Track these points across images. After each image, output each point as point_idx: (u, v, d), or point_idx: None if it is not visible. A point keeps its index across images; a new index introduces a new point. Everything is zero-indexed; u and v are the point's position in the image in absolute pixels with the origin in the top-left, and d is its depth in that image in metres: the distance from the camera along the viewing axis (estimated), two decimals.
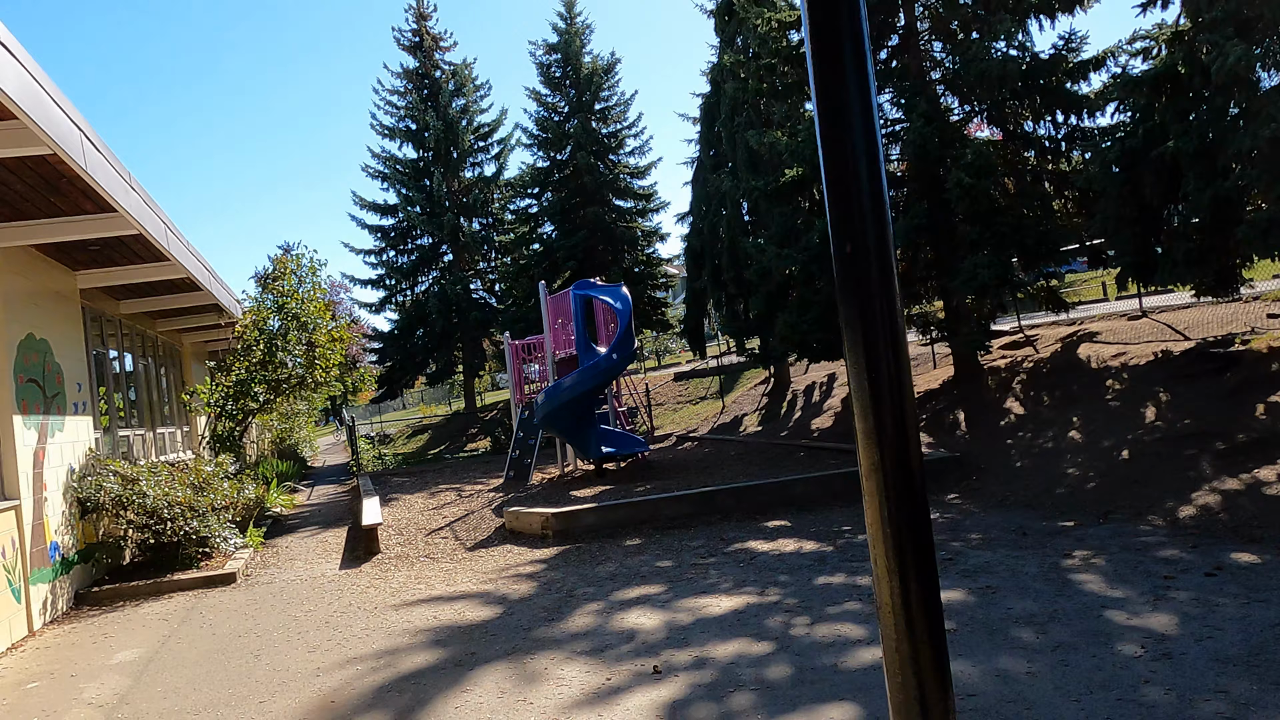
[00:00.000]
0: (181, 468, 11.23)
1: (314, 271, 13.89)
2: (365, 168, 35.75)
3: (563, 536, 10.62)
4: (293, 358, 13.41)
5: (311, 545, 12.04)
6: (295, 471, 21.34)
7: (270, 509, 15.58)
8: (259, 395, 13.03)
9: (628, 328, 14.71)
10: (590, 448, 14.84)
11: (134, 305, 13.31)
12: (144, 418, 14.25)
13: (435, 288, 34.86)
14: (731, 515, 11.05)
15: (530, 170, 31.91)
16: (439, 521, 12.57)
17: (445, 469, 20.58)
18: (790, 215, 16.59)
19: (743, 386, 27.35)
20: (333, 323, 14.27)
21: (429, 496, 15.34)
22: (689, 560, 8.81)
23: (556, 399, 14.39)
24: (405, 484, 18.01)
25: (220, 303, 13.66)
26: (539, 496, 13.61)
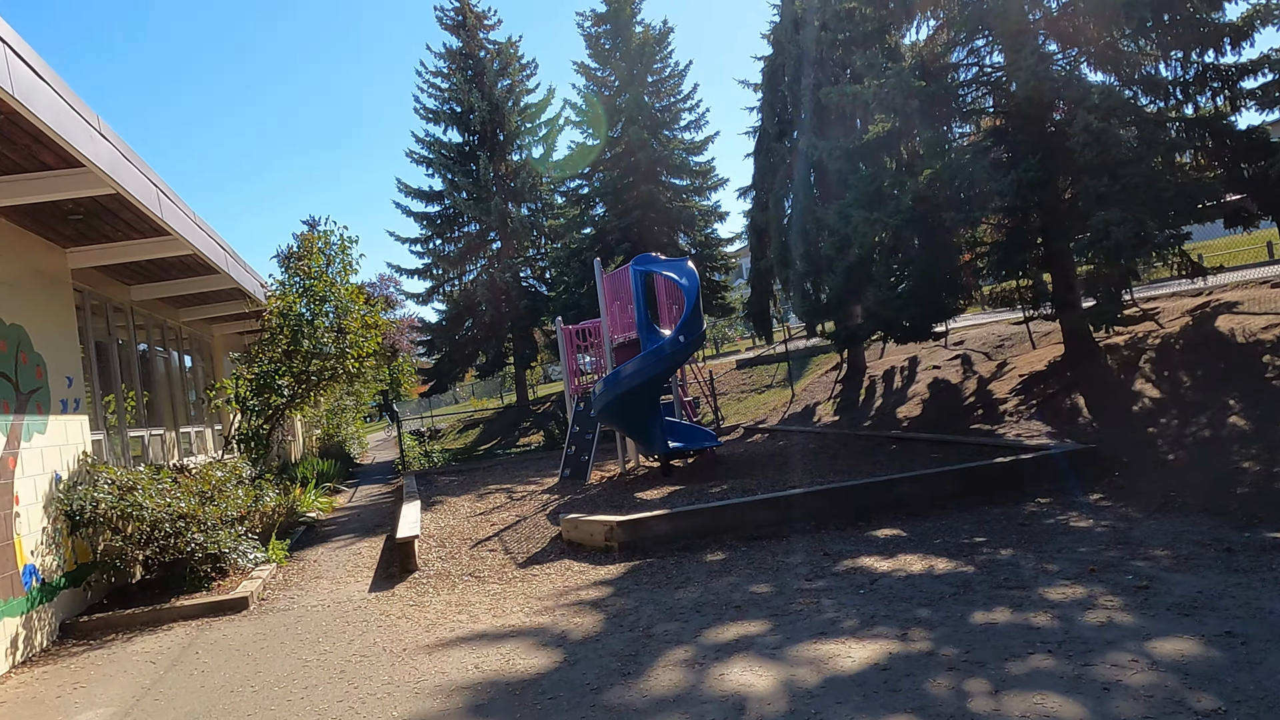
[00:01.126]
0: (191, 473, 9.80)
1: (344, 250, 12.42)
2: (409, 153, 34.47)
3: (630, 550, 8.96)
4: (320, 346, 11.95)
5: (342, 559, 10.55)
6: (337, 471, 20.04)
7: (304, 514, 14.21)
8: (284, 389, 11.59)
9: (695, 306, 12.97)
10: (655, 443, 13.16)
11: (147, 291, 11.96)
12: (163, 416, 12.93)
13: (484, 276, 33.48)
14: (828, 523, 9.29)
15: (579, 149, 30.26)
16: (486, 530, 11.00)
17: (496, 467, 19.09)
18: (875, 176, 14.66)
19: (812, 373, 25.46)
20: (366, 308, 12.79)
21: (477, 499, 13.80)
22: (791, 584, 7.07)
23: (616, 389, 12.74)
24: (452, 484, 16.53)
25: (243, 287, 12.25)
26: (599, 499, 11.97)
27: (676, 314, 14.60)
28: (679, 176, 29.19)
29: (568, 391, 16.23)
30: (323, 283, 12.19)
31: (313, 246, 12.25)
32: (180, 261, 10.86)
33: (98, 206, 7.98)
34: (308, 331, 11.87)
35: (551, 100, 34.63)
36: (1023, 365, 16.52)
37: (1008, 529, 8.26)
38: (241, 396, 11.57)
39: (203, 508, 8.70)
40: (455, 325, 33.75)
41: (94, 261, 9.49)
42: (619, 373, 12.80)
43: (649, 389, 12.92)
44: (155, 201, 8.10)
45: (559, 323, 16.31)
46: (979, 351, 19.67)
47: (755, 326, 24.51)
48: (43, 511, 7.81)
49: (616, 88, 29.77)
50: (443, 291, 34.55)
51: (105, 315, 10.95)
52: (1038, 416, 13.17)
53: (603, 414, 13.29)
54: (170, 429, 13.19)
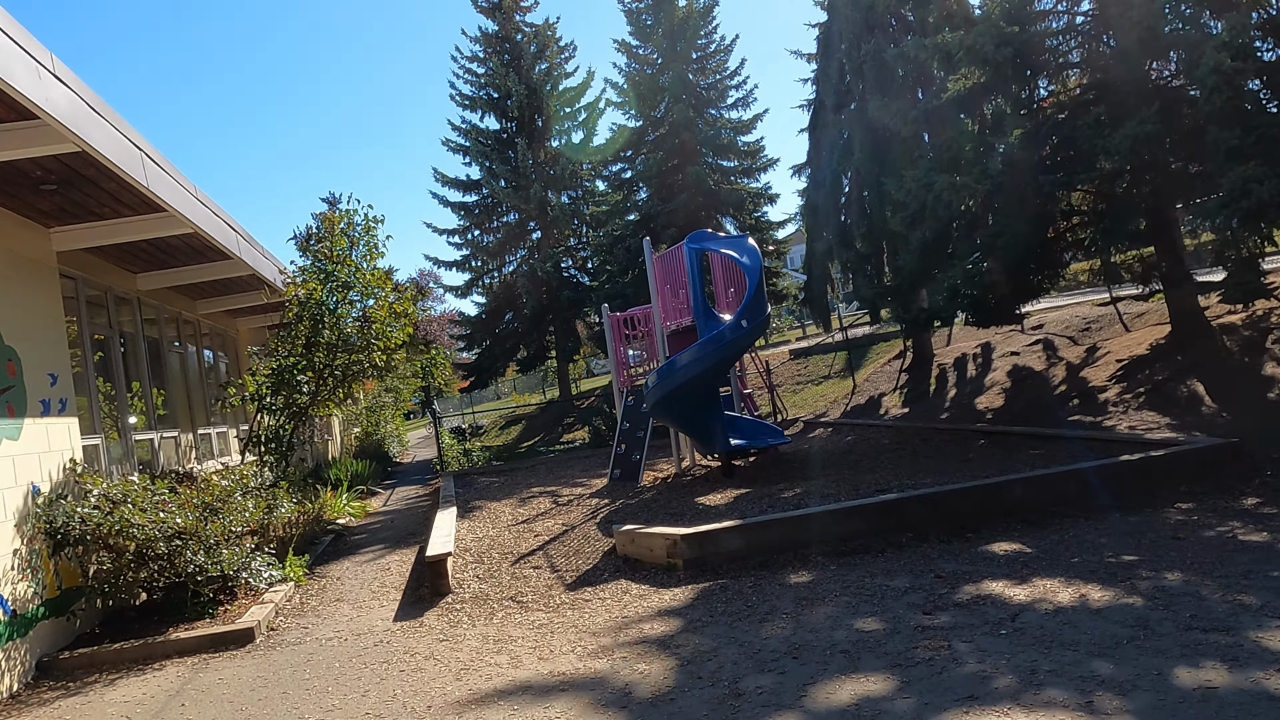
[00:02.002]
0: (196, 481, 8.66)
1: (369, 231, 11.23)
2: (446, 141, 33.44)
3: (697, 569, 7.63)
4: (343, 337, 10.78)
5: (369, 576, 9.36)
6: (372, 472, 18.98)
7: (334, 521, 13.10)
8: (303, 385, 10.43)
9: (758, 287, 11.59)
10: (715, 440, 11.80)
11: (155, 279, 10.88)
12: (179, 417, 11.87)
13: (524, 267, 32.37)
14: (929, 534, 7.88)
15: (620, 133, 28.92)
16: (530, 541, 9.73)
17: (539, 466, 17.87)
18: (953, 141, 13.12)
19: (872, 362, 23.89)
20: (395, 294, 11.59)
21: (518, 504, 12.56)
22: (906, 618, 5.68)
23: (671, 380, 11.40)
24: (493, 486, 15.33)
25: (261, 274, 11.12)
26: (655, 505, 10.65)
27: (734, 298, 13.23)
28: (726, 157, 27.72)
29: (616, 384, 14.94)
30: (345, 267, 11.01)
31: (334, 227, 11.07)
32: (185, 245, 9.74)
33: (71, 174, 6.82)
34: (329, 321, 10.69)
35: (591, 83, 33.40)
36: (1118, 349, 14.90)
37: (1160, 544, 6.78)
38: (258, 394, 10.43)
39: (203, 523, 7.52)
40: (495, 318, 32.69)
41: (83, 243, 8.38)
42: (674, 363, 11.46)
43: (707, 380, 11.57)
44: (139, 167, 6.92)
45: (605, 310, 15.02)
46: (1061, 336, 18.01)
47: (812, 313, 22.99)
48: (14, 530, 6.70)
49: (659, 65, 28.35)
50: (482, 284, 33.52)
51: (106, 306, 9.87)
52: (1149, 406, 11.61)
53: (656, 409, 11.97)
54: (187, 430, 12.14)
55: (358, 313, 11.18)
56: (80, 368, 8.78)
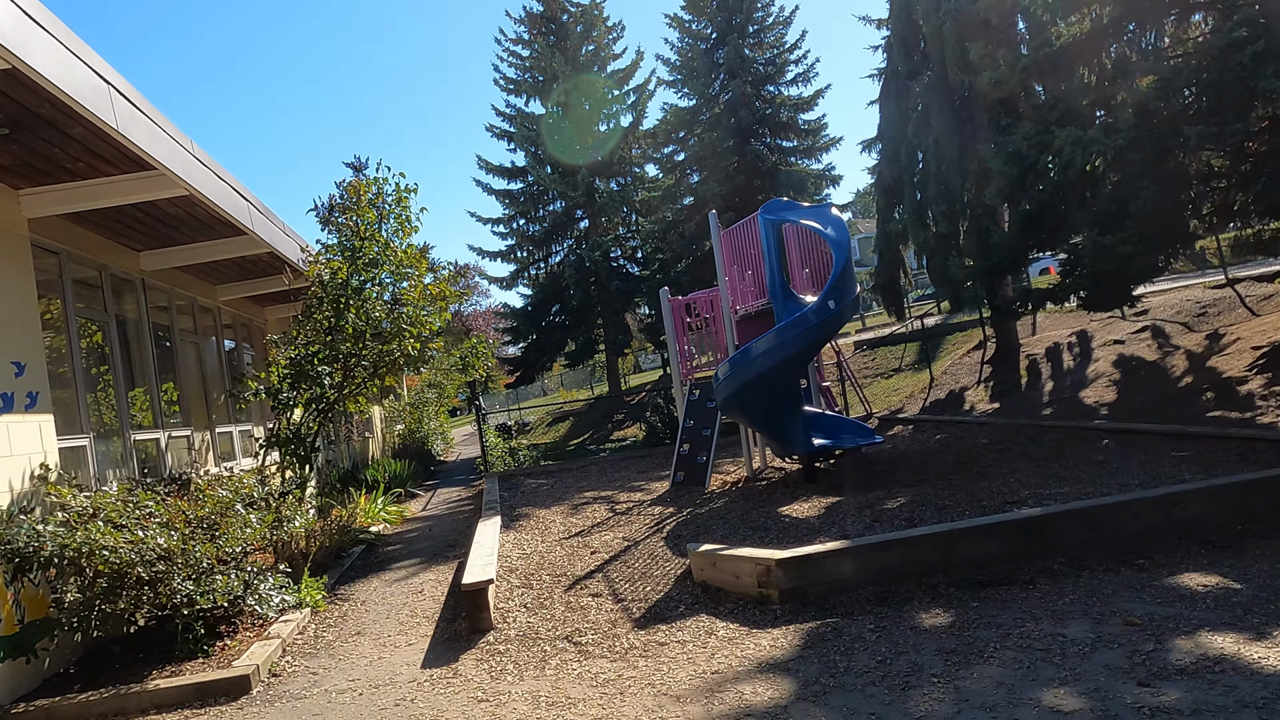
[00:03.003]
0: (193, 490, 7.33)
1: (401, 202, 9.82)
2: (489, 128, 32.22)
3: (797, 601, 6.11)
4: (370, 322, 9.40)
5: (398, 600, 7.97)
6: (412, 472, 17.70)
7: (366, 529, 11.80)
8: (324, 377, 9.07)
9: (846, 263, 10.00)
10: (795, 439, 10.25)
11: (161, 258, 9.62)
12: (192, 413, 10.62)
13: (571, 256, 30.99)
14: (1087, 559, 6.28)
15: (673, 112, 27.35)
16: (586, 560, 8.27)
17: (590, 467, 16.44)
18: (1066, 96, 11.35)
19: (948, 354, 22.10)
20: (430, 275, 10.20)
21: (570, 512, 11.11)
22: (1114, 691, 4.10)
23: (745, 371, 9.87)
24: (541, 490, 13.92)
25: (279, 251, 9.81)
26: (731, 516, 9.13)
27: (810, 279, 11.64)
28: (785, 137, 26.02)
29: (677, 377, 13.43)
30: (373, 243, 9.63)
31: (360, 197, 9.70)
32: (188, 215, 8.44)
33: (21, 111, 5.49)
34: (354, 303, 9.31)
35: (640, 64, 31.88)
36: (1250, 336, 13.06)
37: None
38: (274, 388, 9.10)
39: (192, 543, 6.17)
40: (541, 311, 31.37)
41: (60, 207, 7.09)
42: (749, 351, 9.93)
43: (787, 371, 10.02)
44: (104, 104, 5.58)
45: (664, 295, 13.50)
46: (1172, 322, 16.11)
47: (884, 301, 21.23)
48: None
49: (713, 41, 26.72)
50: (527, 275, 32.25)
51: (101, 287, 8.61)
52: None
53: (727, 404, 10.44)
54: (203, 429, 10.90)
55: (387, 295, 9.80)
56: (64, 357, 7.51)
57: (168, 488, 7.46)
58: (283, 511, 7.48)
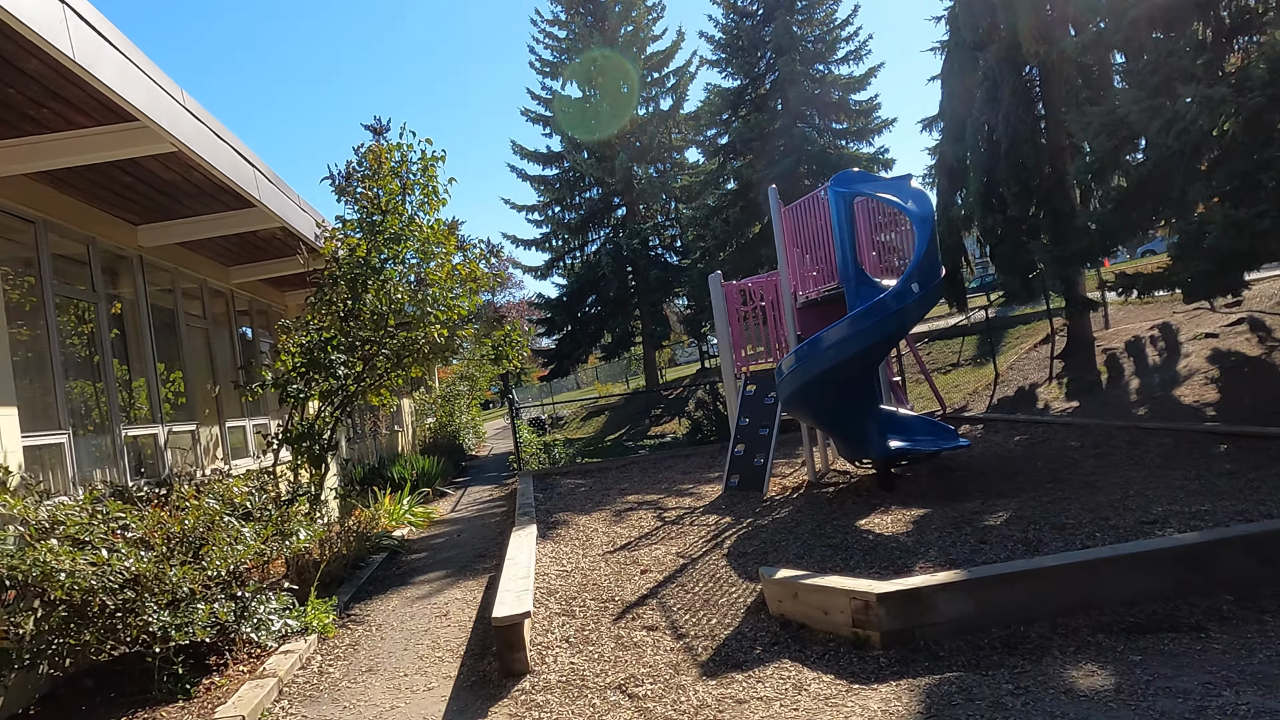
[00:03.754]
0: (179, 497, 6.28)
1: (427, 171, 8.71)
2: (524, 111, 31.21)
3: (904, 646, 4.95)
4: (392, 304, 8.32)
5: (418, 625, 6.89)
6: (441, 469, 16.71)
7: (390, 533, 10.79)
8: (339, 366, 7.98)
9: (931, 241, 8.79)
10: (869, 441, 9.04)
11: (161, 232, 8.63)
12: (200, 407, 9.65)
13: (608, 245, 29.88)
14: (1261, 597, 5.04)
15: (716, 93, 26.08)
16: (636, 579, 7.13)
17: (631, 466, 15.32)
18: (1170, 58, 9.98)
19: (1011, 348, 20.70)
20: (459, 252, 9.10)
21: (614, 519, 9.99)
22: None
23: (815, 363, 8.68)
24: (579, 491, 12.82)
25: (291, 225, 8.77)
26: (800, 529, 7.93)
27: (878, 262, 10.39)
28: (835, 118, 24.64)
29: (729, 370, 12.25)
30: (396, 217, 8.55)
31: (381, 164, 8.62)
32: (184, 181, 7.42)
33: None
34: (374, 283, 8.23)
35: (681, 45, 30.69)
36: None
37: None
38: (284, 377, 8.05)
39: (169, 565, 5.12)
40: (577, 301, 30.31)
41: (25, 164, 6.08)
42: (818, 342, 8.73)
43: (862, 364, 8.82)
44: (60, 31, 4.53)
45: (715, 280, 12.30)
46: (1272, 314, 14.63)
47: (947, 291, 19.83)
48: None
49: (760, 17, 25.38)
50: (563, 264, 31.19)
51: (90, 264, 7.62)
52: None
53: (792, 401, 9.25)
54: (211, 424, 9.93)
55: (411, 276, 8.71)
56: (37, 341, 6.52)
57: (161, 490, 6.41)
58: (288, 522, 6.42)
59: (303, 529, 6.41)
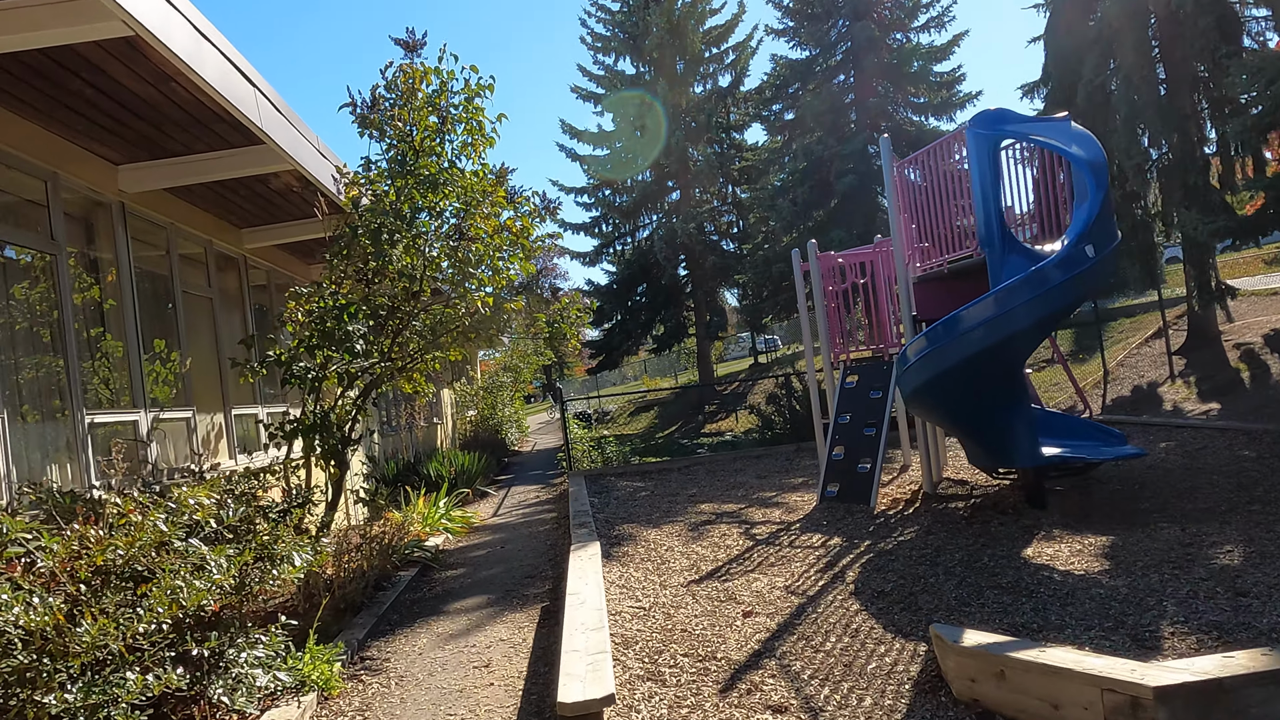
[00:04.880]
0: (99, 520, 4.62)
1: (472, 105, 7.02)
2: (575, 89, 29.55)
3: None
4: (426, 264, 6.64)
5: (450, 681, 5.20)
6: (483, 467, 15.08)
7: (423, 542, 9.19)
8: (355, 339, 6.28)
9: (1106, 196, 6.91)
10: (1017, 447, 7.18)
11: (145, 175, 7.05)
12: (202, 391, 8.09)
13: (660, 230, 28.11)
14: None
15: (784, 65, 24.16)
16: (739, 628, 5.35)
17: (695, 468, 13.56)
18: None
19: (1115, 342, 18.63)
20: (508, 210, 7.37)
21: (690, 534, 8.23)
22: None
23: (953, 351, 6.87)
24: (640, 496, 11.10)
25: (303, 168, 7.13)
26: (944, 558, 6.11)
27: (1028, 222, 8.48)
28: (915, 92, 22.57)
29: (828, 358, 10.43)
30: (432, 159, 6.87)
31: (415, 90, 6.94)
32: (162, 98, 5.83)
33: None
34: (403, 236, 6.54)
35: (742, 18, 28.85)
36: None
37: None
38: (290, 354, 6.41)
39: (87, 614, 3.47)
40: (627, 289, 28.59)
41: None
42: (956, 323, 6.91)
43: (1014, 351, 7.00)
44: None
45: (812, 247, 10.44)
46: None
47: None
48: None
49: None
50: (613, 250, 29.50)
51: (47, 206, 6.04)
52: None
53: (920, 395, 7.43)
54: (215, 410, 8.37)
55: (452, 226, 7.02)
56: None
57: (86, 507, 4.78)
58: (280, 541, 4.75)
59: (299, 552, 4.74)
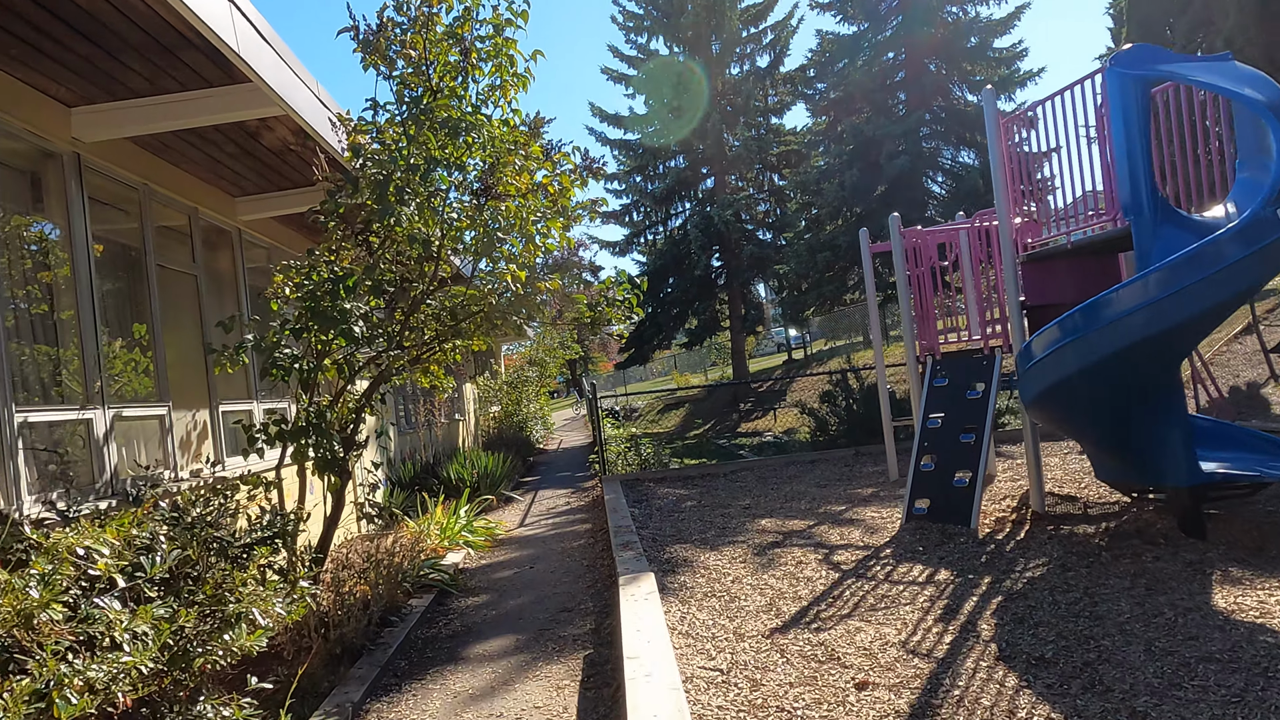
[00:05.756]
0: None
1: (501, 37, 5.72)
2: (605, 70, 28.24)
3: None
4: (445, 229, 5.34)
5: None
6: (508, 470, 13.82)
7: (440, 560, 7.96)
8: (356, 320, 4.95)
9: None
10: (1172, 461, 5.78)
11: (104, 121, 5.80)
12: (180, 383, 6.84)
13: (694, 218, 26.75)
14: None
15: (828, 41, 22.70)
16: (851, 703, 4.00)
17: (743, 473, 12.20)
18: None
19: None
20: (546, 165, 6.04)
21: (758, 561, 6.87)
22: None
23: (1098, 343, 5.51)
24: (686, 508, 9.76)
25: (295, 113, 5.82)
26: (1111, 610, 4.70)
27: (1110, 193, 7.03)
28: (972, 67, 21.02)
29: (911, 350, 9.04)
30: (453, 100, 5.56)
31: (433, 14, 5.61)
32: (110, 7, 4.53)
33: None
34: (415, 190, 5.23)
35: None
36: None
37: None
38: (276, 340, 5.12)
39: None
40: (658, 281, 27.25)
41: None
42: (1098, 309, 5.56)
43: (1178, 342, 5.62)
44: None
45: (892, 224, 9.02)
46: None
47: None
48: None
49: None
50: (644, 240, 28.19)
51: None
52: None
53: (1048, 397, 6.06)
54: (195, 407, 7.12)
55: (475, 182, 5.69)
56: None
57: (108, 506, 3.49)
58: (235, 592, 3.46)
59: (261, 608, 3.44)
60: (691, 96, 25.61)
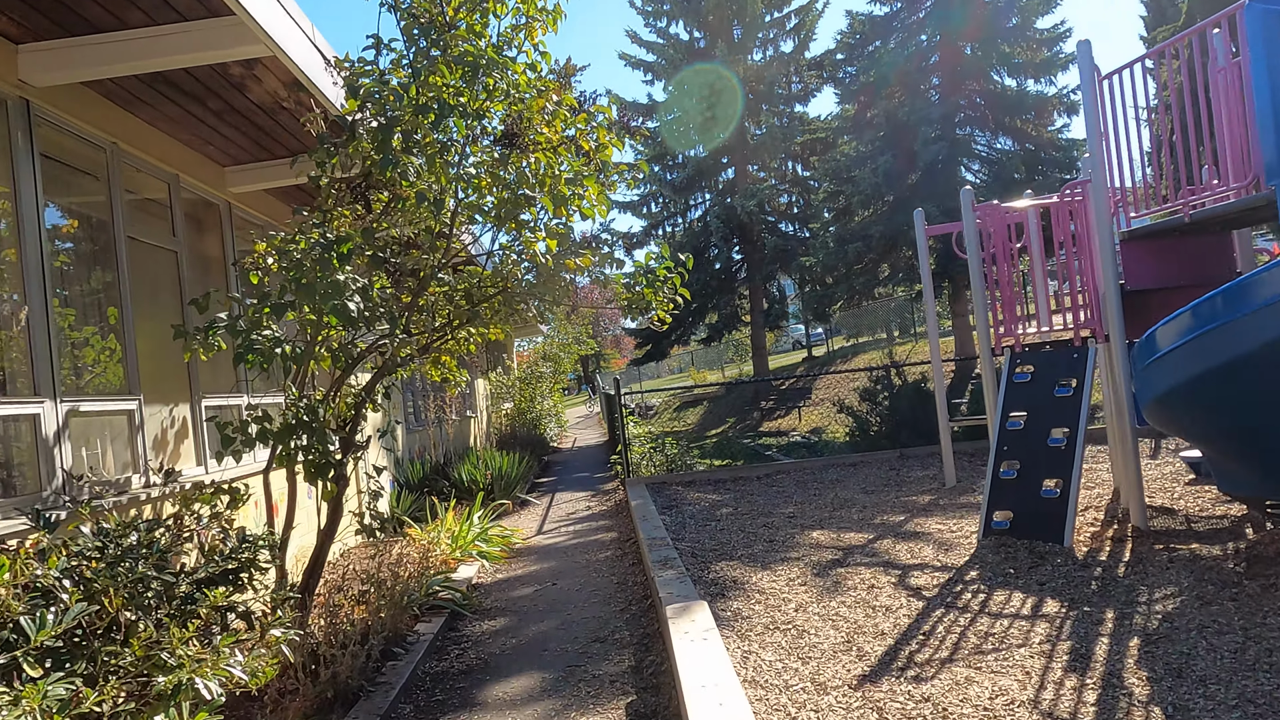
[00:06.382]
0: None
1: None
2: (622, 55, 27.31)
3: None
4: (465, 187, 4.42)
5: None
6: (524, 471, 12.91)
7: (451, 573, 7.07)
8: (351, 294, 4.04)
9: None
10: None
11: (65, 61, 4.89)
12: (146, 374, 5.94)
13: (715, 209, 25.80)
14: None
15: (859, 21, 21.67)
16: None
17: (780, 477, 11.27)
18: None
19: None
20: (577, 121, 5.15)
21: (820, 584, 5.93)
22: None
23: (1251, 331, 4.53)
24: (723, 516, 8.83)
25: (284, 53, 4.90)
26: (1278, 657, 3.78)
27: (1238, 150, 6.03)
28: (1012, 52, 19.95)
29: (986, 342, 8.08)
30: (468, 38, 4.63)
31: None
32: None
33: None
34: (423, 137, 4.29)
35: None
36: None
37: None
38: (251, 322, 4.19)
39: None
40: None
41: None
42: (1248, 290, 4.59)
43: None
44: None
45: (965, 199, 8.05)
46: None
47: None
48: None
49: None
50: (662, 231, 27.25)
51: None
52: None
53: (1177, 398, 5.11)
54: (173, 401, 6.23)
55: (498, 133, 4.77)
56: None
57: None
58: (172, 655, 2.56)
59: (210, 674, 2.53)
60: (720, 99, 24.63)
